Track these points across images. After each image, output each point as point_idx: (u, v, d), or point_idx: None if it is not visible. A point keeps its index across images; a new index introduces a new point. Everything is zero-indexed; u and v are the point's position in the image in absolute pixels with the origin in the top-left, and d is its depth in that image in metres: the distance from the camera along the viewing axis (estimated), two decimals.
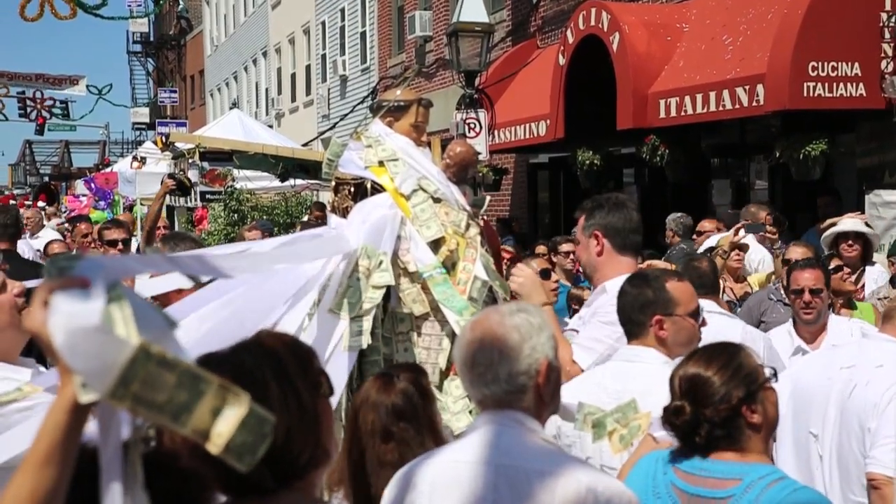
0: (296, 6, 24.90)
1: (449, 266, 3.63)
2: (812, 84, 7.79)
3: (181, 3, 36.69)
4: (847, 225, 6.18)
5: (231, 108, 23.44)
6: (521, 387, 2.10)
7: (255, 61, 29.51)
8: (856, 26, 7.89)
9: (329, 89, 22.31)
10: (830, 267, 5.18)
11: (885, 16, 7.90)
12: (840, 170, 8.90)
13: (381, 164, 3.76)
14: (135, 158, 18.78)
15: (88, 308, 1.28)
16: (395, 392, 2.59)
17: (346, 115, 20.46)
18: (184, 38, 39.47)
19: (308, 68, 24.60)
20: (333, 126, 20.53)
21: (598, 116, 10.15)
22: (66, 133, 43.65)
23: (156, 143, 19.59)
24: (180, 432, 1.29)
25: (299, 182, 11.50)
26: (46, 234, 11.25)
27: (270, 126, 22.71)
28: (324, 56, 23.20)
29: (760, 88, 8.06)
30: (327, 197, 5.16)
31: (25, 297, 2.67)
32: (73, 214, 17.34)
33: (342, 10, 21.86)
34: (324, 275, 3.43)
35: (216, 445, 1.26)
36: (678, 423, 2.33)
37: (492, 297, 3.65)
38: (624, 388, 2.81)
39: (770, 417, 2.35)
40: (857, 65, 7.85)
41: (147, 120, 41.70)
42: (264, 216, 13.22)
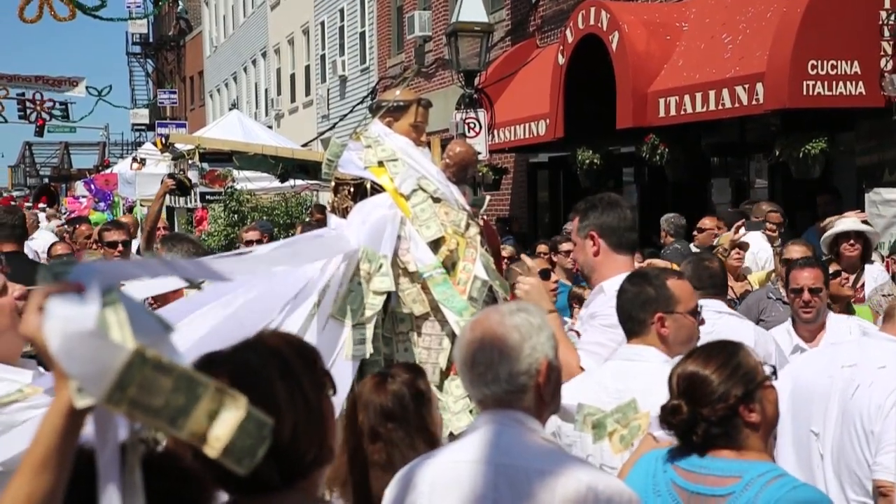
0: (295, 7, 24.89)
1: (449, 266, 3.63)
2: (811, 82, 7.79)
3: (180, 4, 36.72)
4: (847, 224, 6.17)
5: (230, 109, 23.45)
6: (521, 386, 2.10)
7: (254, 62, 29.51)
8: (855, 24, 7.89)
9: (328, 90, 22.31)
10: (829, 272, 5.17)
11: (884, 14, 7.90)
12: (840, 168, 8.89)
13: (380, 164, 3.75)
14: (134, 160, 18.77)
15: (83, 312, 1.27)
16: (386, 393, 2.58)
17: (345, 115, 20.46)
18: (183, 39, 39.46)
19: (307, 69, 24.59)
20: (333, 126, 20.53)
21: (597, 116, 10.15)
22: (65, 135, 43.75)
23: (155, 144, 19.59)
24: (178, 436, 1.28)
25: (299, 182, 11.48)
26: (41, 236, 11.25)
27: (270, 127, 22.71)
28: (323, 56, 23.20)
29: (760, 87, 8.06)
30: (327, 197, 5.15)
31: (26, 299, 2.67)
32: (72, 216, 17.35)
33: (341, 10, 21.85)
34: (324, 277, 3.42)
35: (214, 449, 1.26)
36: (675, 421, 2.33)
37: (492, 297, 3.65)
38: (625, 387, 2.81)
39: (769, 416, 2.34)
40: (856, 63, 7.85)
41: (147, 121, 41.74)
42: (264, 217, 13.21)
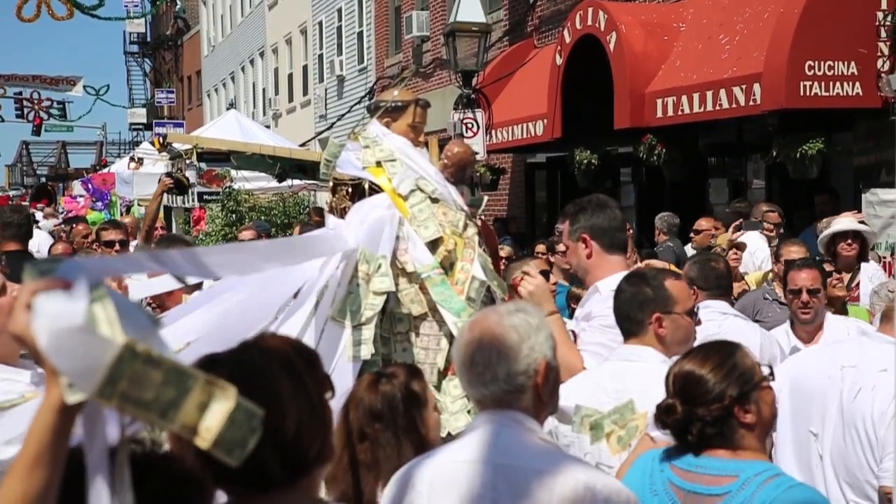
0: (293, 6, 24.87)
1: (447, 266, 3.63)
2: (809, 83, 7.80)
3: (178, 3, 36.72)
4: (844, 224, 6.19)
5: (228, 109, 23.45)
6: (519, 386, 2.11)
7: (252, 62, 29.49)
8: (852, 25, 7.90)
9: (326, 89, 22.30)
10: None
11: (881, 15, 7.91)
12: (837, 168, 8.90)
13: (378, 164, 3.75)
14: (132, 159, 18.78)
15: (72, 309, 1.28)
16: (377, 393, 2.59)
17: (343, 115, 20.45)
18: (181, 39, 39.41)
19: (305, 68, 24.58)
20: (331, 126, 20.52)
21: (595, 116, 10.16)
22: (63, 134, 43.70)
23: (153, 143, 19.60)
24: (169, 429, 1.29)
25: (297, 182, 11.47)
26: (36, 235, 11.21)
27: (268, 126, 22.69)
28: (321, 56, 23.18)
29: (757, 87, 8.07)
30: (325, 197, 5.15)
31: None
32: (69, 215, 17.35)
33: (339, 10, 21.84)
34: (323, 277, 3.42)
35: (205, 440, 1.26)
36: (669, 421, 2.33)
37: (490, 297, 3.65)
38: (623, 388, 2.81)
39: (765, 417, 2.34)
40: (853, 64, 7.86)
41: (144, 120, 41.70)
42: (262, 217, 13.22)
